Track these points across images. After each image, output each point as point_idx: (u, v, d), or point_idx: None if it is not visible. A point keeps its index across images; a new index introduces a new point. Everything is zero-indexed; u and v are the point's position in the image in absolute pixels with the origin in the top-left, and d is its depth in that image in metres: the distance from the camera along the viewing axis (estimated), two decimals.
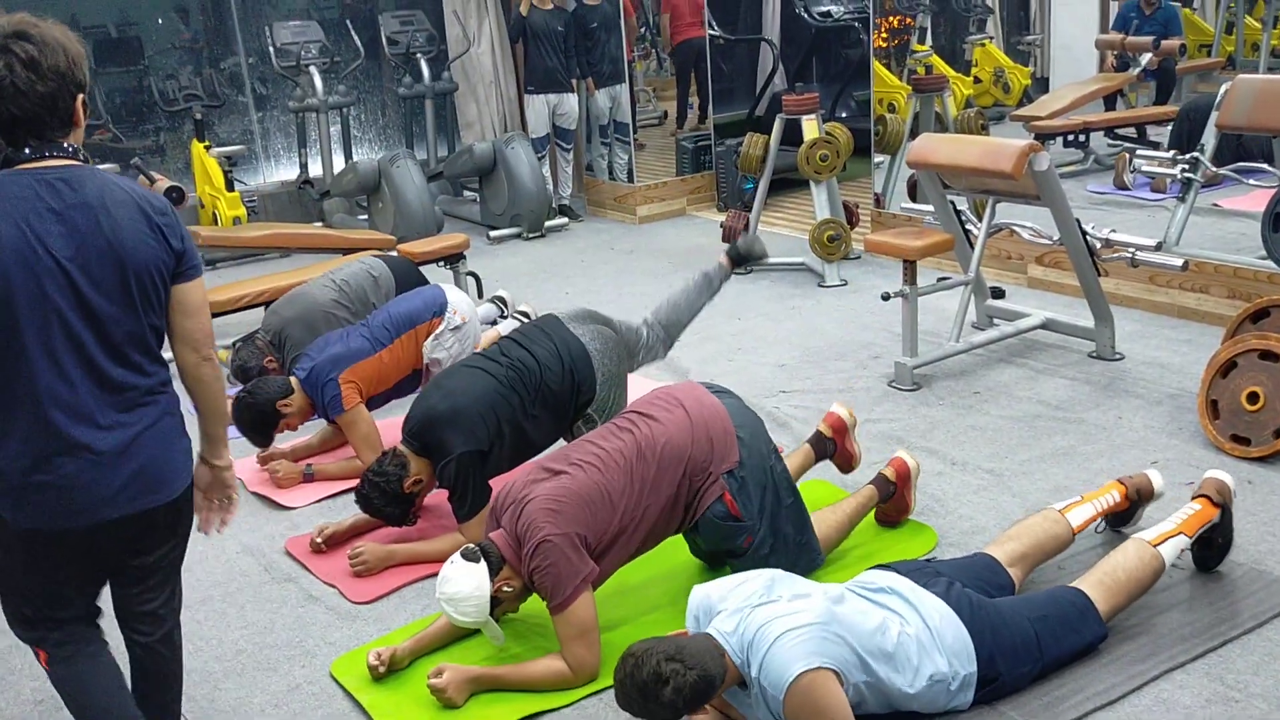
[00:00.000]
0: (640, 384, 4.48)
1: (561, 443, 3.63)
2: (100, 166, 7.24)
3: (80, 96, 2.11)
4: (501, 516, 2.82)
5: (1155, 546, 2.80)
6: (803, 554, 3.05)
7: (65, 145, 2.10)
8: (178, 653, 2.50)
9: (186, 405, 2.30)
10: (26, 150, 2.08)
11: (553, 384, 3.47)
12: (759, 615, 2.38)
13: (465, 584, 2.67)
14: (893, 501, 3.35)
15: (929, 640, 2.48)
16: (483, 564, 2.69)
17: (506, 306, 5.53)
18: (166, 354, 2.24)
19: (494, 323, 5.32)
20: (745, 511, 2.91)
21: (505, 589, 2.72)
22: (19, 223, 2.02)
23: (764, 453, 2.99)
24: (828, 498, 3.52)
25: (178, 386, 2.27)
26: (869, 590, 2.57)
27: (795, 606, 2.40)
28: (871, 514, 3.38)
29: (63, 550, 2.19)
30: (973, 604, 2.57)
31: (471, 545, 2.75)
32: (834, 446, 3.51)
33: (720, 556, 3.12)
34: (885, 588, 2.58)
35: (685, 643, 2.33)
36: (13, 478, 2.10)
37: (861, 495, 3.32)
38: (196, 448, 2.36)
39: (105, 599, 2.43)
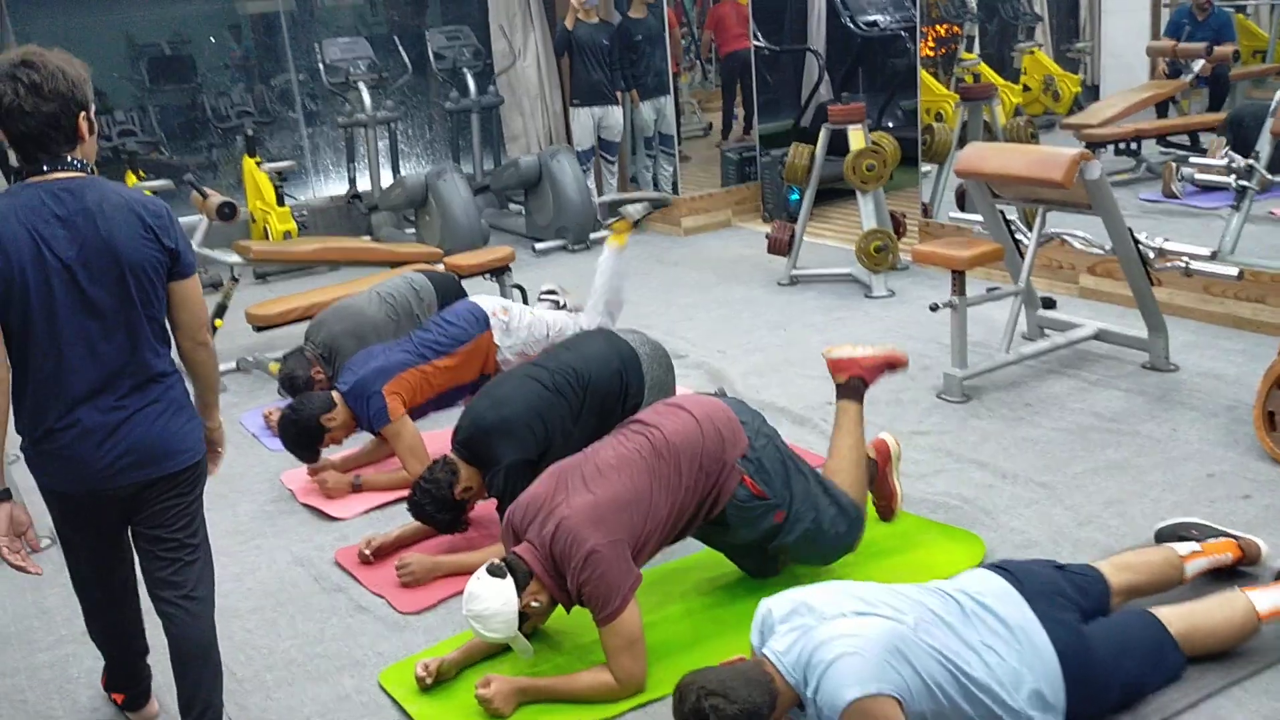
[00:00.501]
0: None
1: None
2: (153, 183, 7.41)
3: (82, 114, 2.37)
4: (526, 530, 2.81)
5: (1260, 618, 2.63)
6: (843, 515, 3.05)
7: (71, 160, 2.37)
8: (206, 630, 2.63)
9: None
10: (41, 165, 2.36)
11: (602, 385, 3.51)
12: (818, 634, 2.31)
13: (492, 600, 2.67)
14: (878, 487, 3.35)
15: (1013, 677, 2.35)
16: (509, 579, 2.69)
17: (558, 295, 5.44)
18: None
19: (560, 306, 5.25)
20: (768, 488, 2.92)
21: (533, 604, 2.72)
22: (29, 229, 2.30)
23: (770, 433, 3.03)
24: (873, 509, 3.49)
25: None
26: (965, 607, 2.44)
27: (857, 626, 2.31)
28: (912, 524, 3.35)
29: (79, 509, 2.51)
30: (1077, 645, 2.43)
31: (496, 561, 2.74)
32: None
33: (765, 551, 3.12)
34: (986, 606, 2.44)
35: (730, 675, 2.28)
36: (28, 445, 2.44)
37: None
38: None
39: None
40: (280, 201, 7.81)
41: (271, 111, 8.61)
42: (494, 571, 2.70)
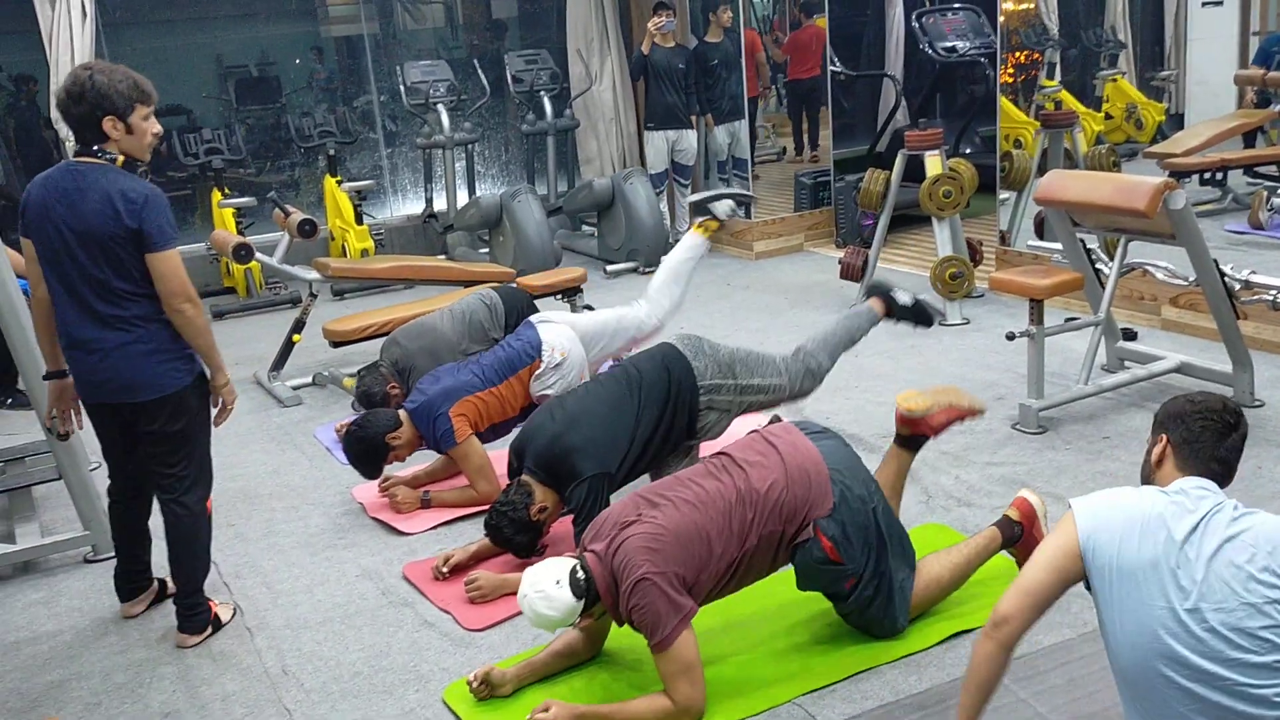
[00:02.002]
0: (741, 421, 4.47)
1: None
2: (237, 200, 7.60)
3: (107, 117, 3.02)
4: (595, 545, 2.81)
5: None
6: (903, 597, 2.99)
7: (98, 149, 3.05)
8: (188, 528, 3.28)
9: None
10: (80, 149, 3.06)
11: (650, 385, 3.58)
12: None
13: (558, 609, 2.68)
14: (1022, 545, 3.21)
15: None
16: (581, 602, 2.69)
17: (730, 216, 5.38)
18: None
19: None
20: (846, 555, 2.86)
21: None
22: (47, 198, 3.03)
23: (864, 495, 2.92)
24: (945, 541, 3.43)
25: None
26: None
27: None
28: (1015, 568, 3.25)
29: (91, 412, 3.29)
30: None
31: (578, 575, 2.72)
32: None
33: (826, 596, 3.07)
34: None
35: None
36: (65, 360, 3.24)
37: (982, 538, 3.20)
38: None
39: None
40: (359, 220, 7.95)
41: (353, 132, 8.78)
42: (575, 589, 2.70)
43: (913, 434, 3.38)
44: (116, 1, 8.25)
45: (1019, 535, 3.20)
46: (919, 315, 4.25)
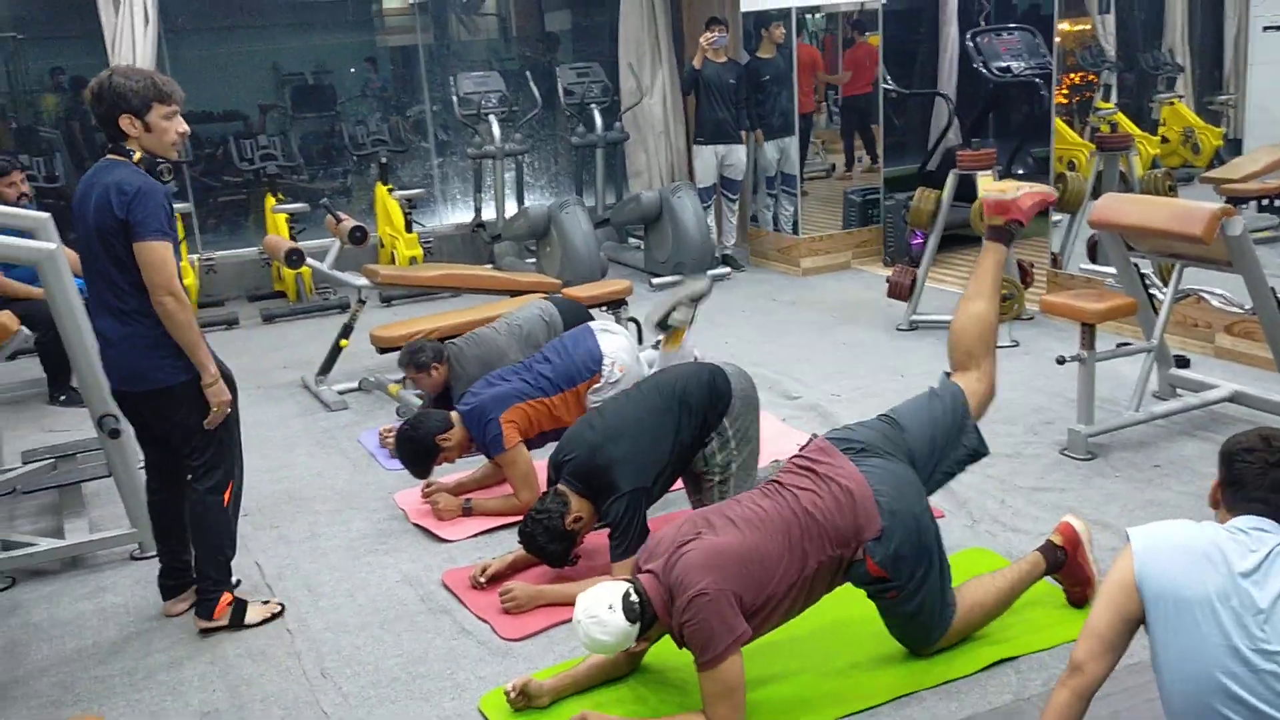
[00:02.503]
0: (774, 426, 4.46)
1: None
2: (290, 206, 7.70)
3: (124, 116, 3.16)
4: (651, 564, 2.79)
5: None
6: (944, 611, 2.96)
7: (119, 145, 3.19)
8: (200, 513, 3.38)
9: None
10: (109, 146, 3.22)
11: (695, 395, 3.53)
12: None
13: (614, 633, 2.66)
14: (1067, 572, 3.17)
15: None
16: (635, 626, 2.68)
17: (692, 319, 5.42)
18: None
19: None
20: (894, 574, 2.83)
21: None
22: (79, 194, 3.21)
23: (915, 513, 2.88)
24: (989, 566, 3.38)
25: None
26: None
27: None
28: (1060, 594, 3.22)
29: (119, 402, 3.45)
30: None
31: (631, 597, 2.69)
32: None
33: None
34: None
35: None
36: None
37: (1026, 563, 3.16)
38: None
39: None
40: (409, 228, 8.02)
41: (405, 140, 8.87)
42: (628, 613, 2.68)
43: (1006, 221, 3.37)
44: (178, 8, 8.40)
45: (1062, 561, 3.16)
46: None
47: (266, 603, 3.55)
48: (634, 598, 2.68)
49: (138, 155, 3.19)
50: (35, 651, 3.43)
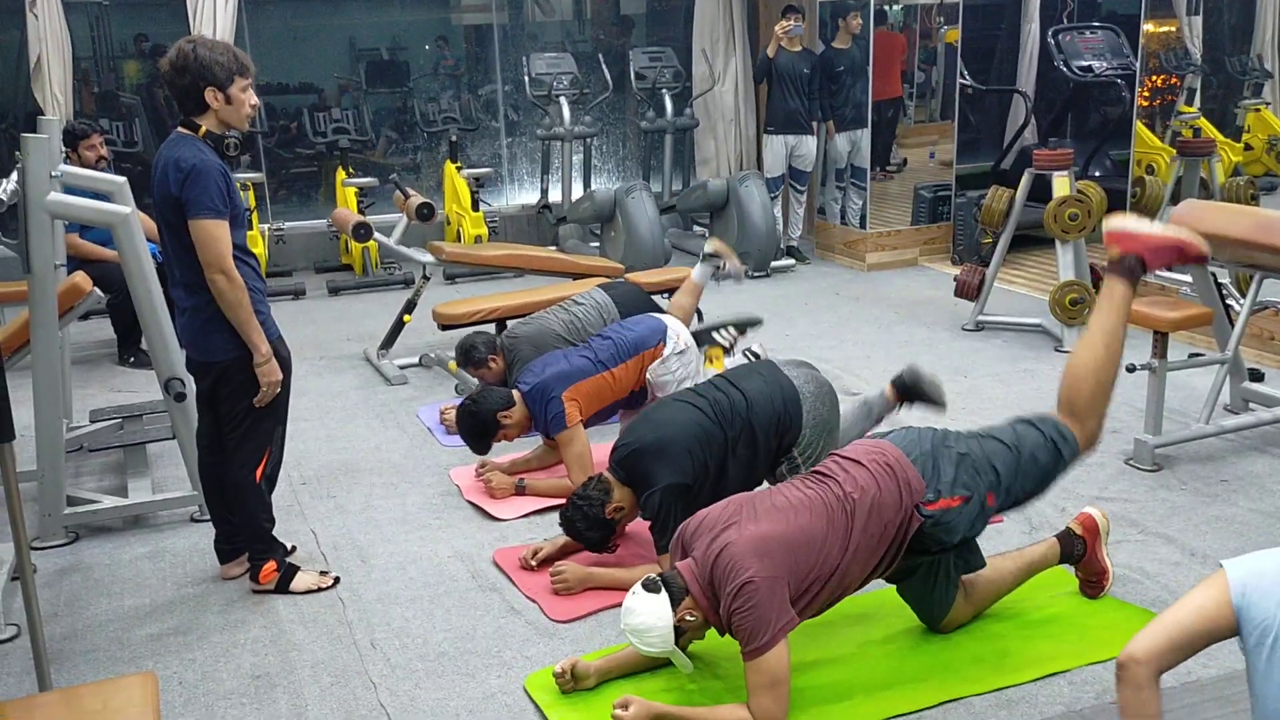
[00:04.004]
0: None
1: (764, 485, 3.58)
2: (360, 180, 7.79)
3: (209, 89, 3.16)
4: (693, 547, 2.78)
5: None
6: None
7: (189, 119, 3.21)
8: (241, 488, 3.42)
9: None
10: (186, 118, 3.23)
11: (759, 422, 3.45)
12: None
13: (648, 615, 2.66)
14: (1084, 564, 3.15)
15: None
16: (664, 594, 2.68)
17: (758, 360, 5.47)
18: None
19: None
20: (965, 488, 2.82)
21: (688, 618, 2.69)
22: (155, 164, 3.22)
23: (945, 442, 2.91)
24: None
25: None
26: None
27: None
28: (1075, 586, 3.20)
29: (187, 366, 3.51)
30: None
31: (652, 576, 2.74)
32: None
33: (937, 580, 3.04)
34: None
35: None
36: None
37: (1042, 546, 3.20)
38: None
39: None
40: (475, 206, 8.07)
41: (475, 119, 8.92)
42: (649, 586, 2.70)
43: (1124, 254, 2.94)
44: None
45: (1081, 553, 3.16)
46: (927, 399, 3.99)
47: (324, 573, 3.58)
48: (649, 579, 2.71)
49: (203, 128, 3.20)
50: (94, 606, 3.50)
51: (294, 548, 3.74)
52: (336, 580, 3.58)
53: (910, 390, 3.89)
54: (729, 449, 3.41)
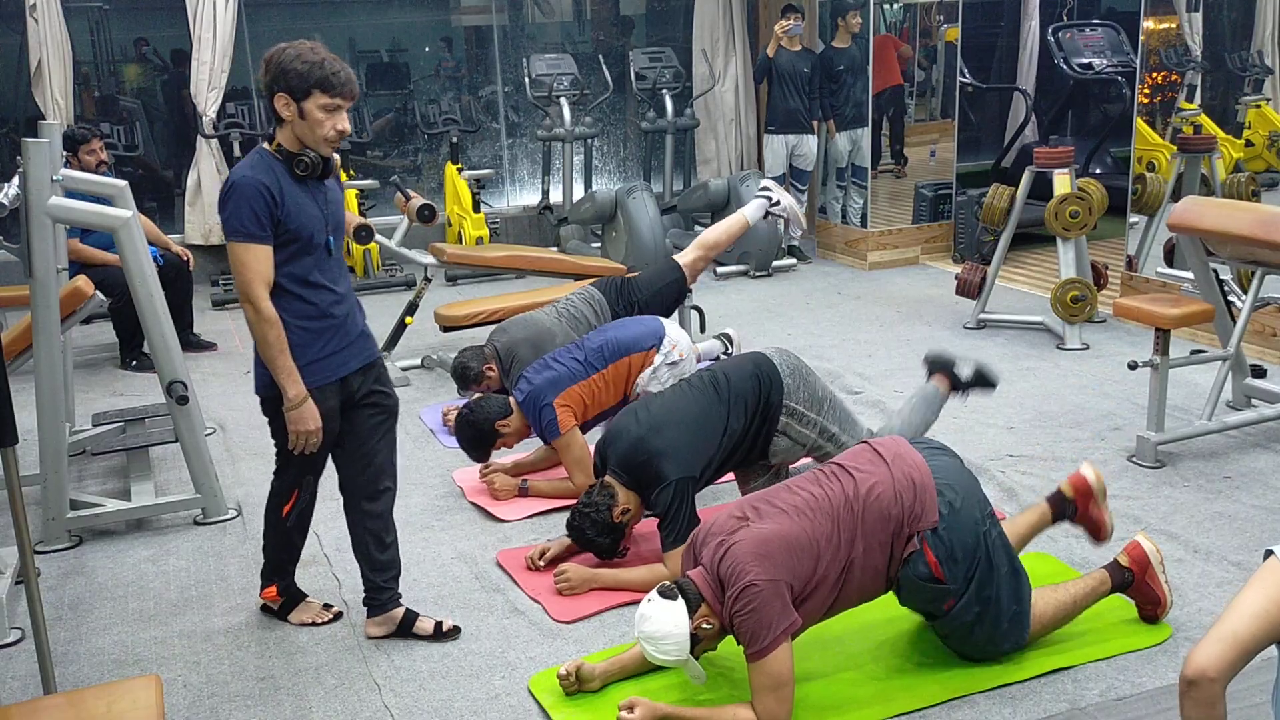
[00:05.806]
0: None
1: (769, 459, 3.65)
2: (360, 182, 7.78)
3: (280, 94, 2.89)
4: (701, 554, 2.78)
5: None
6: (1014, 627, 2.90)
7: (266, 132, 2.91)
8: (269, 513, 3.29)
9: None
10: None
11: (744, 388, 3.52)
12: None
13: (664, 622, 2.65)
14: (1136, 591, 3.10)
15: None
16: (680, 602, 2.67)
17: (731, 344, 5.52)
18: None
19: (717, 359, 5.31)
20: (949, 575, 2.78)
21: (704, 626, 2.69)
22: None
23: (977, 517, 2.83)
24: (1053, 575, 3.33)
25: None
26: None
27: None
28: (1121, 606, 3.15)
29: None
30: None
31: (668, 583, 2.73)
32: (1074, 510, 3.23)
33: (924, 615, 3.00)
34: None
35: None
36: None
37: (1092, 579, 3.09)
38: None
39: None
40: (476, 208, 8.07)
41: (476, 121, 8.91)
42: (665, 593, 2.68)
43: (1071, 499, 3.24)
44: None
45: (1129, 582, 3.10)
46: (983, 382, 4.05)
47: (328, 606, 3.41)
48: (665, 585, 2.69)
49: (275, 142, 2.93)
50: (98, 610, 3.51)
51: (339, 613, 3.41)
52: (338, 615, 3.39)
53: (967, 382, 4.02)
54: (724, 421, 3.46)
